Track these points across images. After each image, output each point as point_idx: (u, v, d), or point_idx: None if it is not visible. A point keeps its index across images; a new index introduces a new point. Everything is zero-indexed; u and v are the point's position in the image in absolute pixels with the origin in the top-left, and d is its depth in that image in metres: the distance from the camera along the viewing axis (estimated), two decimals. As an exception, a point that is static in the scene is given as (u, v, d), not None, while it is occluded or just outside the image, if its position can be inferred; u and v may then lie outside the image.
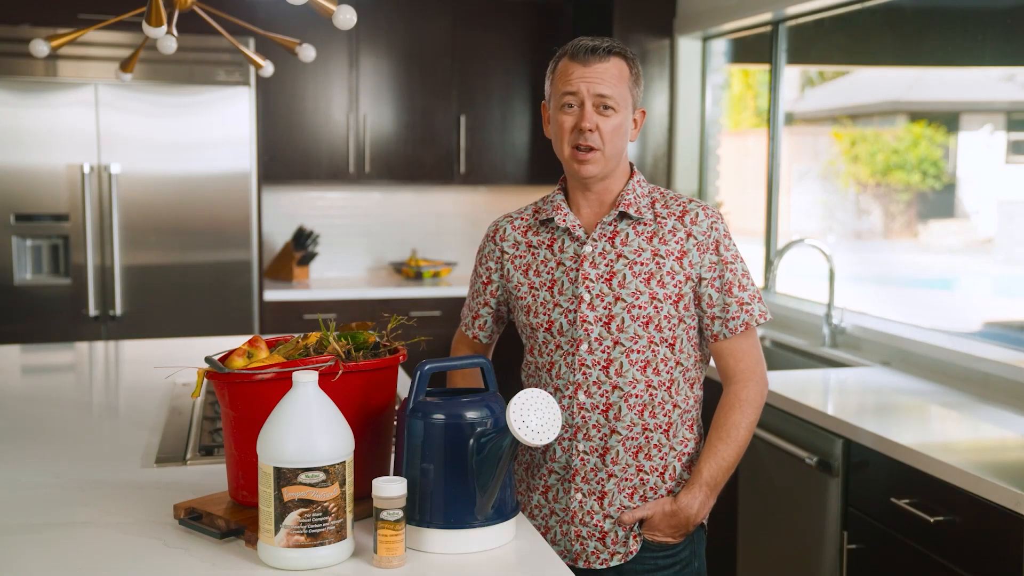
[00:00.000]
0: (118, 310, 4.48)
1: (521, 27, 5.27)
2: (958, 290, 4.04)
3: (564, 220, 1.93)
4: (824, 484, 2.68)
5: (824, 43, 4.20)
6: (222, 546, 1.60)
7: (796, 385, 2.97)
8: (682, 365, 1.91)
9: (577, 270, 1.90)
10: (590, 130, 1.84)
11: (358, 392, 1.69)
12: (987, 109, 3.84)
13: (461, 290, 5.05)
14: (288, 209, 5.37)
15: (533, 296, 1.95)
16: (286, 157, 5.02)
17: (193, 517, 1.67)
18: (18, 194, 4.35)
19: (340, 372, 1.65)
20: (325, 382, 1.60)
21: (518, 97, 5.32)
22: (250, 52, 3.03)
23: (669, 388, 1.90)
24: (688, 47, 4.80)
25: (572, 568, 1.92)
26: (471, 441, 1.58)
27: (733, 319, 1.90)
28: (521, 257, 1.98)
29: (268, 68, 3.04)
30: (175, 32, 2.78)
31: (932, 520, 2.25)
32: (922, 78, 4.12)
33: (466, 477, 1.57)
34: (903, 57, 3.98)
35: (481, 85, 5.25)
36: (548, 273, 1.94)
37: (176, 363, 2.70)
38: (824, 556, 2.69)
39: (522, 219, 2.02)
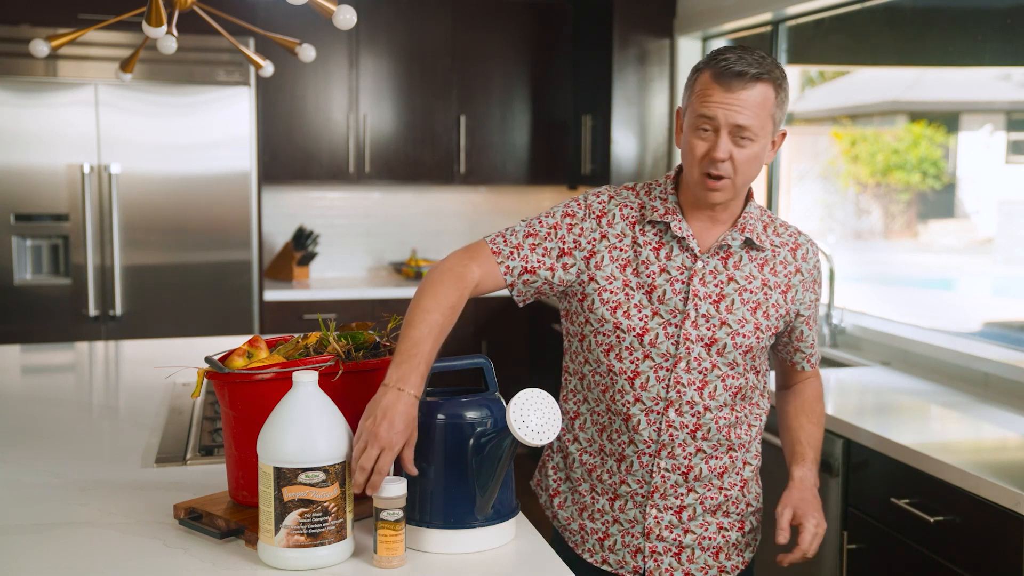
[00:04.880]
0: (118, 310, 4.48)
1: (521, 27, 5.27)
2: (958, 290, 4.04)
3: (680, 229, 1.80)
4: (824, 484, 2.68)
5: (824, 43, 4.20)
6: (222, 546, 1.60)
7: (796, 385, 2.97)
8: (758, 389, 1.90)
9: (686, 284, 1.79)
10: (722, 160, 1.72)
11: (358, 392, 1.69)
12: (987, 109, 3.84)
13: (461, 290, 5.04)
14: (288, 209, 5.37)
15: (627, 295, 1.80)
16: (286, 157, 5.03)
17: (193, 517, 1.67)
18: (18, 194, 4.35)
19: (340, 372, 1.65)
20: (325, 382, 1.60)
21: (518, 97, 5.32)
22: (250, 52, 3.03)
23: (751, 411, 1.88)
24: (688, 47, 4.79)
25: None
26: (471, 441, 1.58)
27: (815, 355, 1.98)
28: (623, 251, 1.82)
29: (268, 68, 3.04)
30: (175, 32, 2.78)
31: (932, 520, 2.25)
32: (922, 78, 4.12)
33: (466, 477, 1.57)
34: (903, 57, 3.98)
35: (481, 85, 5.25)
36: (649, 276, 1.80)
37: (176, 363, 2.69)
38: (824, 556, 2.69)
39: (630, 209, 1.84)
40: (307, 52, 2.87)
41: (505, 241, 1.81)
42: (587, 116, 5.08)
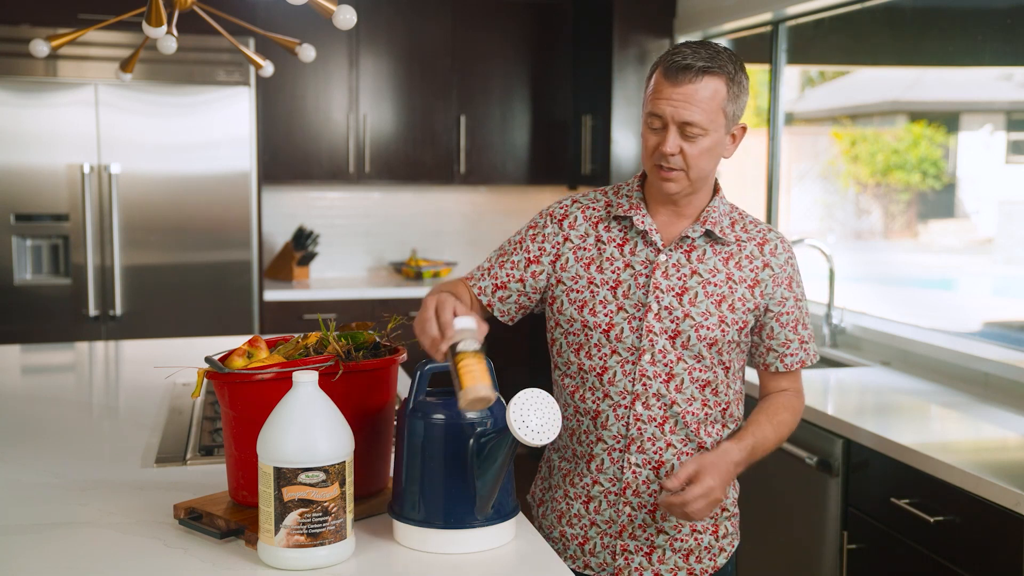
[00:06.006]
0: (118, 310, 4.48)
1: (521, 27, 5.27)
2: (958, 290, 4.04)
3: (643, 223, 1.83)
4: (824, 484, 2.68)
5: (824, 43, 4.20)
6: (222, 546, 1.60)
7: (796, 385, 2.97)
8: (732, 388, 1.88)
9: (648, 277, 1.81)
10: (671, 154, 1.74)
11: (358, 392, 1.69)
12: (987, 109, 3.84)
13: (461, 290, 5.04)
14: (288, 209, 5.37)
15: (592, 292, 1.83)
16: (286, 157, 5.03)
17: (193, 517, 1.67)
18: (18, 194, 4.35)
19: (340, 372, 1.65)
20: (325, 382, 1.60)
21: (518, 97, 5.32)
22: (250, 52, 3.03)
23: (724, 410, 1.87)
24: (688, 47, 4.79)
25: None
26: (471, 441, 1.58)
27: (791, 356, 1.89)
28: (587, 250, 1.86)
29: (268, 68, 3.04)
30: (175, 32, 2.78)
31: (932, 520, 2.25)
32: (922, 78, 4.12)
33: (466, 477, 1.57)
34: (903, 57, 3.98)
35: (481, 85, 5.25)
36: (613, 272, 1.83)
37: (176, 363, 2.70)
38: (824, 556, 2.69)
39: (594, 209, 1.89)
40: (307, 52, 2.87)
41: (479, 268, 1.93)
42: (587, 116, 5.08)
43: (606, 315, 1.82)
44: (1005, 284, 3.66)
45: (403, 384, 2.36)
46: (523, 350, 5.23)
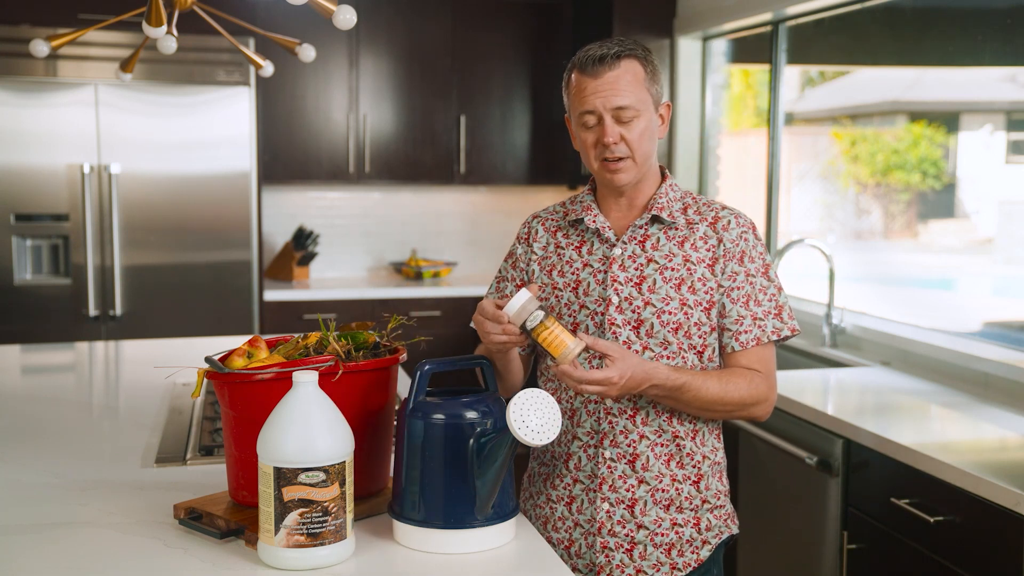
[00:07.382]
0: (118, 310, 4.48)
1: (521, 27, 5.27)
2: (958, 290, 4.04)
3: (594, 221, 1.88)
4: (824, 484, 2.68)
5: (824, 43, 4.20)
6: (222, 546, 1.60)
7: (796, 385, 2.97)
8: None
9: (605, 272, 1.85)
10: (614, 143, 1.79)
11: (358, 392, 1.69)
12: (987, 109, 3.85)
13: (461, 290, 5.05)
14: (288, 209, 5.37)
15: (556, 297, 1.89)
16: (286, 157, 5.03)
17: (193, 517, 1.67)
18: (18, 194, 4.35)
19: (340, 372, 1.65)
20: (325, 382, 1.60)
21: (518, 97, 5.32)
22: (250, 52, 3.03)
23: None
24: (688, 47, 4.80)
25: None
26: (471, 441, 1.58)
27: (745, 333, 1.83)
28: (547, 258, 1.93)
29: (268, 68, 3.05)
30: (175, 32, 2.78)
31: (932, 520, 2.25)
32: (922, 78, 4.12)
33: (466, 477, 1.57)
34: (903, 57, 3.98)
35: (481, 85, 5.26)
36: (573, 274, 1.88)
37: (176, 363, 2.70)
38: (824, 556, 2.69)
39: (552, 219, 1.97)
40: (307, 52, 2.87)
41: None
42: (587, 116, 5.07)
43: (570, 315, 1.87)
44: (1005, 284, 3.66)
45: (403, 384, 2.36)
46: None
